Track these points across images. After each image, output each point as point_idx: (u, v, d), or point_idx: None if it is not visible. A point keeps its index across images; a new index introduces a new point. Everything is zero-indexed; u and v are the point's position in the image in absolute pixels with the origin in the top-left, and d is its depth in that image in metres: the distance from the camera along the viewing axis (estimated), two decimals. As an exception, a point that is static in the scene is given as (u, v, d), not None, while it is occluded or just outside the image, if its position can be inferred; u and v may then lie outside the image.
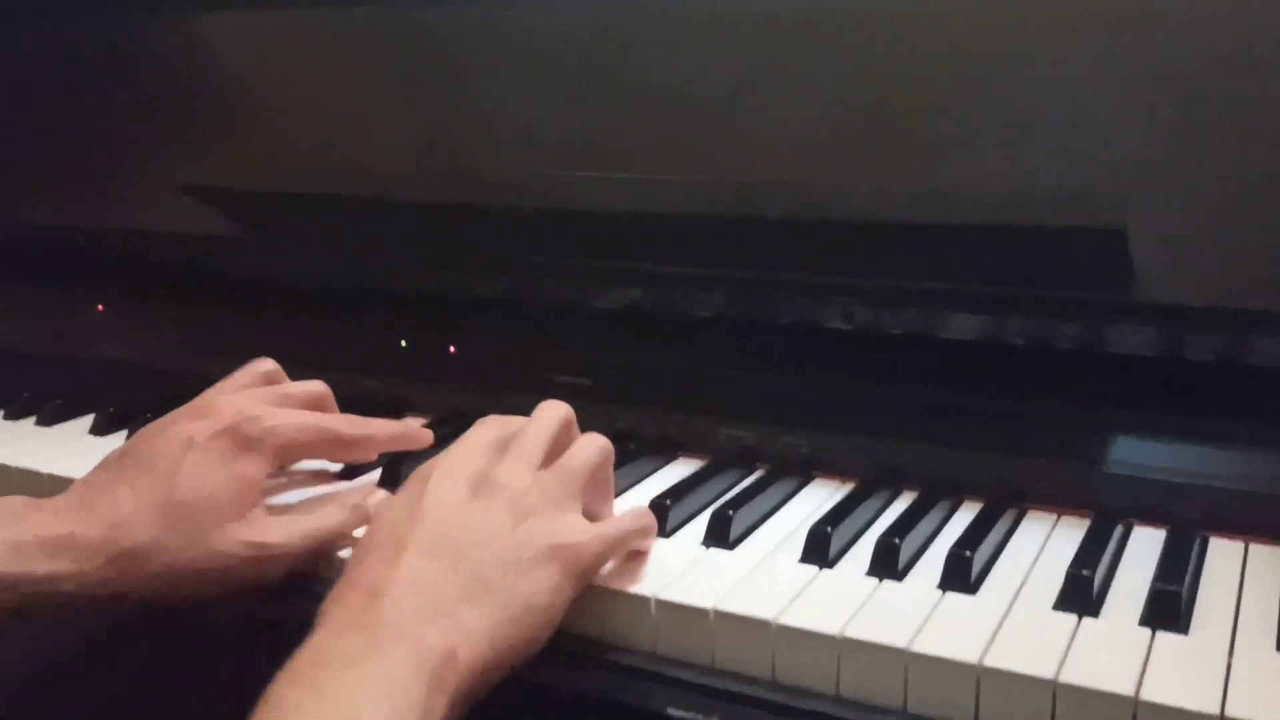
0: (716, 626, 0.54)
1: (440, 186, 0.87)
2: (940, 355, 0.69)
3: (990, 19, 0.67)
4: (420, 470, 0.57)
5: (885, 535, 0.58)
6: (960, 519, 0.64)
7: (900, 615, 0.53)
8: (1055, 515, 0.64)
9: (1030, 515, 0.64)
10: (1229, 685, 0.47)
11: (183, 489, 0.58)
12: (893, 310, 0.71)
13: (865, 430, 0.70)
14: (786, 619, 0.53)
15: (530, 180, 0.83)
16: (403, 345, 0.87)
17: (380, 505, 0.59)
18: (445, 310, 0.86)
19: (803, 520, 0.63)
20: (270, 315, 0.91)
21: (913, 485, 0.68)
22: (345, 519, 0.62)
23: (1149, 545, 0.60)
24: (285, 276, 0.91)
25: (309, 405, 0.67)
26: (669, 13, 0.76)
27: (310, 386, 0.68)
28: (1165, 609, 0.52)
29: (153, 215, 0.97)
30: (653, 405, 0.76)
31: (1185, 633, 0.52)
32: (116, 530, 0.57)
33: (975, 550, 0.57)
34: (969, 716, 0.49)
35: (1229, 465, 0.61)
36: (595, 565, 0.56)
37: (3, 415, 0.86)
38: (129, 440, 0.63)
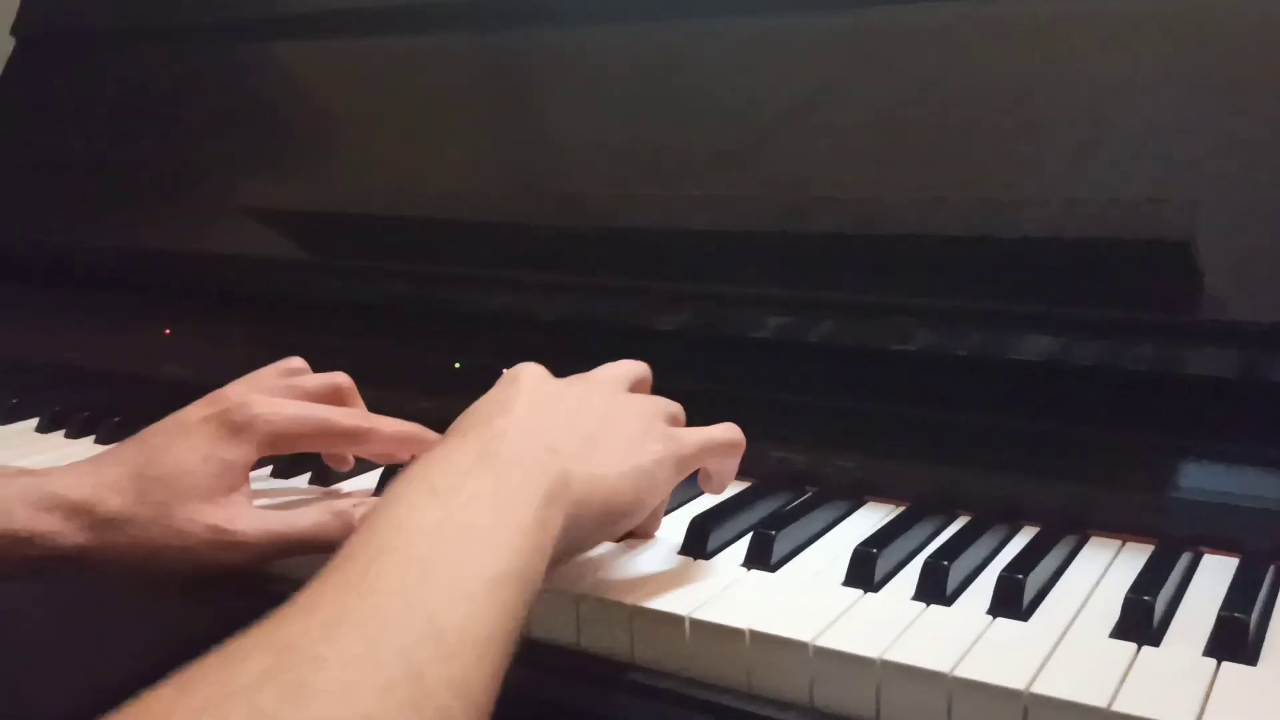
0: (752, 648, 0.52)
1: (497, 208, 0.87)
2: (998, 376, 0.66)
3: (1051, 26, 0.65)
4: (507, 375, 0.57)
5: (933, 557, 0.56)
6: (1016, 545, 0.61)
7: (945, 640, 0.50)
8: (1119, 542, 0.61)
9: (1092, 542, 0.61)
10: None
11: (159, 464, 0.60)
12: (950, 331, 0.68)
13: (920, 454, 0.67)
14: (825, 641, 0.50)
15: (585, 202, 0.83)
16: (456, 367, 0.87)
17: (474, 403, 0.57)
18: (499, 332, 0.85)
19: (850, 544, 0.61)
20: (329, 336, 0.91)
21: (968, 511, 0.65)
22: (323, 522, 0.61)
23: (1218, 574, 0.56)
24: (344, 298, 0.92)
25: (325, 396, 0.66)
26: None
27: (328, 378, 0.68)
28: (1231, 637, 0.49)
29: (216, 238, 0.99)
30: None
31: (1253, 664, 0.48)
32: (96, 496, 0.59)
33: (1028, 574, 0.54)
34: (1016, 747, 0.46)
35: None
36: (694, 458, 0.57)
37: (63, 434, 0.87)
38: None
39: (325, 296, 0.93)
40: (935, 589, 0.55)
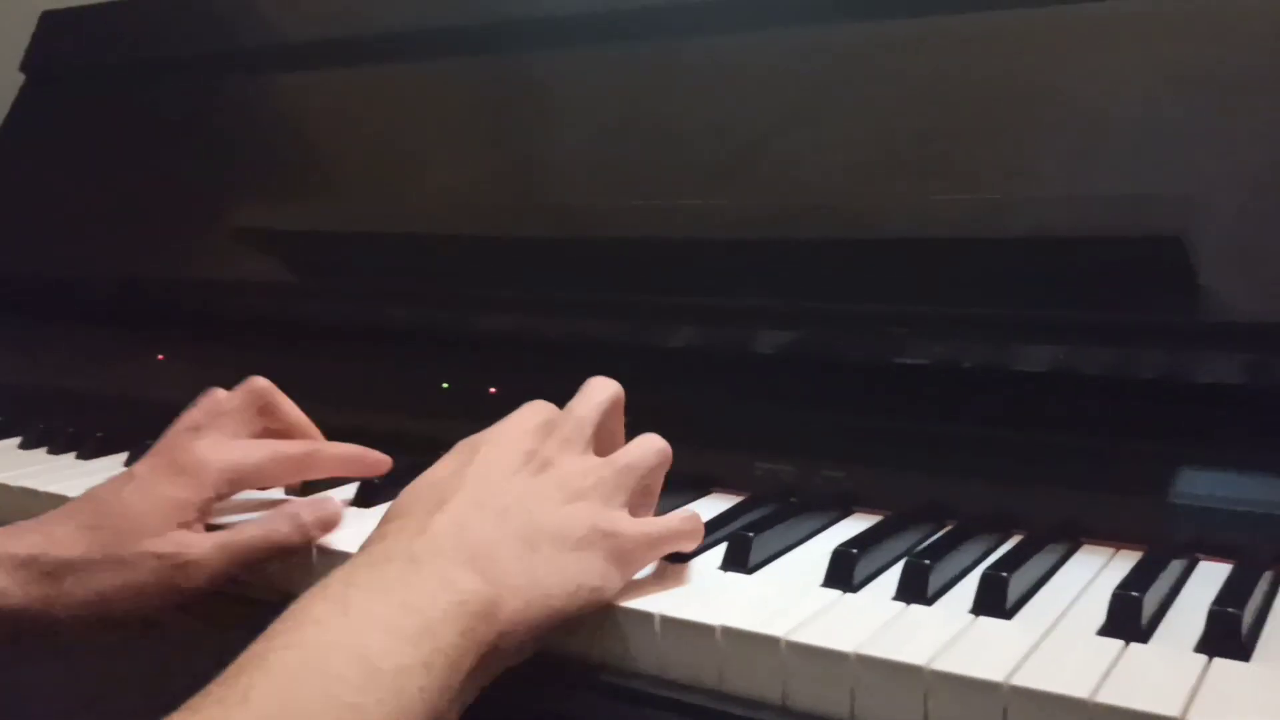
0: (724, 645, 0.50)
1: (483, 227, 0.86)
2: (990, 386, 0.64)
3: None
4: (467, 441, 0.56)
5: (914, 557, 0.54)
6: (1004, 549, 0.59)
7: (924, 637, 0.48)
8: (1112, 550, 0.59)
9: (1084, 549, 0.59)
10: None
11: (106, 512, 0.60)
12: (940, 339, 0.66)
13: (910, 464, 0.65)
14: (798, 637, 0.48)
15: (573, 216, 0.82)
16: (444, 387, 0.85)
17: (422, 474, 0.55)
18: (486, 352, 0.84)
19: (833, 550, 0.59)
20: (316, 358, 0.90)
21: (958, 519, 0.63)
22: (273, 527, 0.61)
23: (1213, 578, 0.54)
24: (329, 320, 0.91)
25: (248, 409, 0.66)
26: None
27: (244, 390, 0.68)
28: (1223, 633, 0.46)
29: (209, 263, 0.98)
30: (689, 440, 0.72)
31: (1246, 660, 0.46)
32: (41, 548, 0.59)
33: (1013, 573, 0.52)
34: (995, 743, 0.44)
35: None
36: (641, 559, 0.54)
37: (45, 450, 0.86)
38: None
39: (307, 317, 0.92)
40: (916, 589, 0.53)
